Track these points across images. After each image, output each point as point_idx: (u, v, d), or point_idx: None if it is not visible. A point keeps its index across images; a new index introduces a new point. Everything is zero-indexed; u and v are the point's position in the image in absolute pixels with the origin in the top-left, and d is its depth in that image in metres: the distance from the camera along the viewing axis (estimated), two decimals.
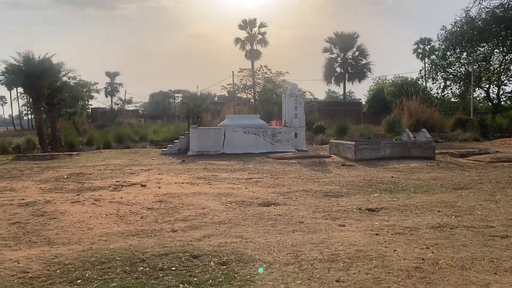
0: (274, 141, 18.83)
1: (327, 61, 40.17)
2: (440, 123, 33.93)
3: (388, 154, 15.36)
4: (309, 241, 5.40)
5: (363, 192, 9.17)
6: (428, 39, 71.85)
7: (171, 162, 15.89)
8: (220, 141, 18.55)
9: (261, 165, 14.26)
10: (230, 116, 20.65)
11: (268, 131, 18.87)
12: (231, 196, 8.63)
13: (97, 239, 5.65)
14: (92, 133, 27.93)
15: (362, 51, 39.68)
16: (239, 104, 43.38)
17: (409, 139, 17.04)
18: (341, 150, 16.28)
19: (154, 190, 9.43)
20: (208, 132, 18.67)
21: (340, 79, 40.14)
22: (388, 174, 11.86)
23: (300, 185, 10.05)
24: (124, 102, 69.14)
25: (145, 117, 74.23)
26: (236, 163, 15.05)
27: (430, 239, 5.48)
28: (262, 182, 10.51)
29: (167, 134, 30.11)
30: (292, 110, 19.83)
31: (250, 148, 18.51)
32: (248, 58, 45.01)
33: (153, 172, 12.85)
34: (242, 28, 44.73)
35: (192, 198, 8.38)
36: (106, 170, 13.51)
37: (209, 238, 5.58)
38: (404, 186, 9.92)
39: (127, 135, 28.51)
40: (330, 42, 39.67)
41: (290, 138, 18.99)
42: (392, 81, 54.25)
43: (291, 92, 20.00)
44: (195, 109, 39.79)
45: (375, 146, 15.32)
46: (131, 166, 14.61)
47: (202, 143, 18.43)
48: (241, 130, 18.67)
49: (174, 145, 19.44)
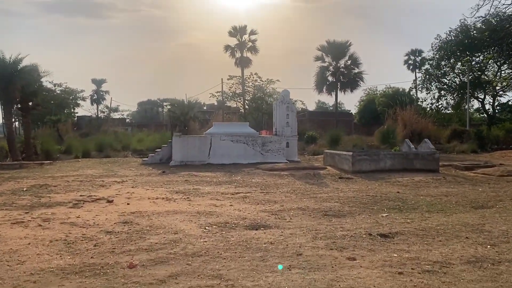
0: (264, 151, 17.42)
1: (318, 70, 39.05)
2: (435, 134, 32.91)
3: (389, 166, 14.06)
4: (312, 283, 3.97)
5: (369, 211, 7.79)
6: (419, 50, 71.39)
7: (150, 173, 14.37)
8: (206, 151, 17.10)
9: (249, 177, 12.83)
10: (217, 124, 19.24)
11: (258, 140, 17.48)
12: (213, 215, 7.17)
13: (23, 280, 4.15)
14: (71, 141, 26.24)
15: (355, 59, 38.67)
16: (228, 113, 42.03)
17: (410, 150, 15.78)
18: (337, 161, 14.94)
19: (121, 207, 7.93)
20: (193, 141, 17.21)
21: (332, 88, 39.00)
22: (393, 189, 10.50)
23: (294, 202, 8.63)
24: (110, 110, 67.22)
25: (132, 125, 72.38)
26: (222, 174, 13.60)
27: (472, 282, 4.09)
28: (250, 198, 9.07)
29: (152, 143, 28.55)
30: (284, 118, 18.49)
31: (238, 158, 17.07)
32: (238, 65, 43.71)
33: (126, 184, 11.32)
34: (232, 35, 43.48)
35: (165, 219, 6.90)
36: (75, 181, 11.96)
37: (177, 279, 4.12)
38: (414, 204, 8.56)
39: (108, 143, 26.88)
40: (322, 50, 38.59)
41: (281, 148, 17.61)
42: (384, 91, 53.49)
43: (283, 98, 18.68)
44: (182, 117, 38.34)
45: (375, 157, 14.01)
46: (104, 177, 13.07)
47: (186, 152, 16.96)
48: (229, 138, 17.25)
49: (155, 155, 17.92)
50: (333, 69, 38.85)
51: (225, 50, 43.72)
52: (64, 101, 51.50)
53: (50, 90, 52.36)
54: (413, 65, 70.01)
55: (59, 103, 50.21)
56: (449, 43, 34.54)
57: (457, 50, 34.93)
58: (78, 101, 57.32)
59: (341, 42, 38.30)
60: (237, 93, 37.98)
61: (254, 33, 43.73)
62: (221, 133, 17.58)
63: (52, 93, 50.85)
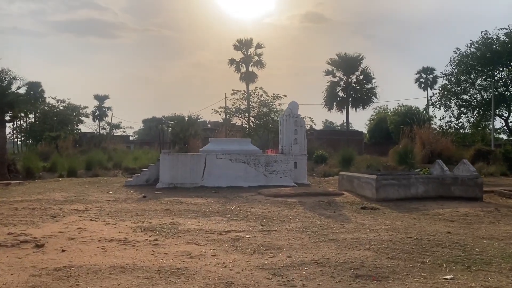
0: (268, 172, 14.79)
1: (328, 85, 36.63)
2: (457, 155, 30.07)
3: (421, 192, 11.35)
4: None
5: (420, 268, 5.10)
6: (430, 68, 69.37)
7: (128, 198, 11.78)
8: (199, 171, 14.51)
9: (248, 206, 10.19)
10: (214, 140, 16.68)
11: (260, 159, 14.87)
12: (180, 278, 4.53)
13: None
14: (56, 159, 23.80)
15: (367, 74, 36.24)
16: (232, 130, 39.60)
17: (443, 172, 13.06)
18: (356, 185, 12.26)
19: (49, 256, 5.33)
20: (184, 159, 14.64)
21: (342, 104, 36.50)
22: (439, 227, 7.79)
23: (307, 249, 5.96)
24: (111, 126, 65.17)
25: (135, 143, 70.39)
26: (215, 201, 10.97)
27: None
28: (244, 241, 6.41)
29: (148, 161, 26.14)
30: (292, 133, 15.92)
31: (237, 180, 14.46)
32: (243, 80, 41.56)
33: (87, 215, 8.73)
34: (237, 48, 41.45)
35: (100, 284, 4.28)
36: (25, 209, 9.41)
37: None
38: (482, 253, 5.85)
39: (98, 161, 24.41)
40: (332, 64, 36.26)
41: (288, 169, 14.97)
42: (395, 110, 50.98)
43: (291, 111, 16.14)
44: (182, 134, 35.89)
45: (404, 182, 11.32)
46: (68, 203, 10.52)
47: (175, 172, 14.38)
48: (227, 157, 14.67)
49: (141, 175, 15.35)
50: (344, 84, 36.41)
51: (230, 64, 41.69)
52: (66, 118, 49.75)
53: (53, 106, 50.68)
54: (425, 83, 67.78)
55: (62, 119, 48.50)
56: (469, 56, 32.02)
57: (478, 64, 32.42)
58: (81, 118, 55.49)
59: (352, 55, 35.99)
60: (242, 108, 35.54)
61: (260, 46, 41.72)
62: (218, 150, 15.02)
63: (55, 109, 49.18)
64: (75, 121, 53.53)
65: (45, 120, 48.29)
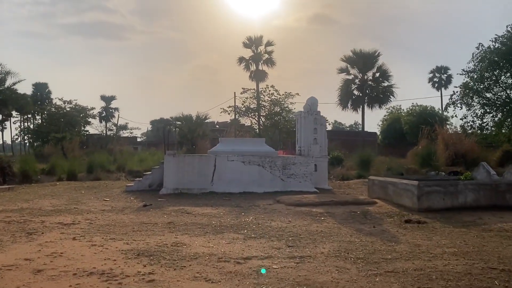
0: (286, 176, 13.10)
1: (343, 83, 34.84)
2: (483, 157, 28.10)
3: (471, 201, 9.59)
4: None
5: None
6: (444, 67, 67.28)
7: (126, 206, 10.17)
8: (208, 175, 12.86)
9: (267, 218, 8.51)
10: (224, 140, 15.00)
11: (277, 161, 13.17)
12: None
13: None
14: (55, 161, 22.29)
15: (384, 72, 34.40)
16: (242, 130, 37.93)
17: (489, 176, 11.26)
18: (391, 192, 10.51)
19: None
20: (191, 162, 12.98)
21: (358, 103, 34.69)
22: None
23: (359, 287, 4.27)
24: (117, 127, 63.85)
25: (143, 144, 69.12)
26: (227, 211, 9.30)
27: None
28: (271, 276, 4.71)
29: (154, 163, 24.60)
30: (311, 133, 14.22)
31: (251, 185, 12.79)
32: (252, 79, 39.87)
33: (72, 230, 7.11)
34: (246, 46, 39.79)
35: None
36: (1, 222, 7.82)
37: None
38: None
39: (100, 163, 22.87)
40: (347, 61, 34.47)
41: (308, 172, 13.26)
42: (410, 110, 49.05)
43: (310, 108, 14.43)
44: (189, 135, 34.28)
45: (450, 189, 9.55)
46: (55, 213, 8.93)
47: (181, 177, 12.74)
48: (239, 159, 13.00)
49: (144, 179, 13.73)
50: (359, 82, 34.61)
51: (239, 62, 40.08)
52: (73, 119, 48.67)
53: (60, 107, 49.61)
54: (439, 83, 65.66)
55: (68, 120, 47.43)
56: (494, 52, 30.05)
57: (503, 60, 30.42)
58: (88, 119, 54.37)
59: (368, 52, 34.19)
60: (252, 108, 33.84)
61: (271, 44, 40.03)
62: (229, 151, 13.36)
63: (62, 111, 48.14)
64: (82, 122, 52.45)
65: (51, 121, 47.26)
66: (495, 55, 30.42)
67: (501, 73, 31.96)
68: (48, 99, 61.43)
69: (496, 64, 30.91)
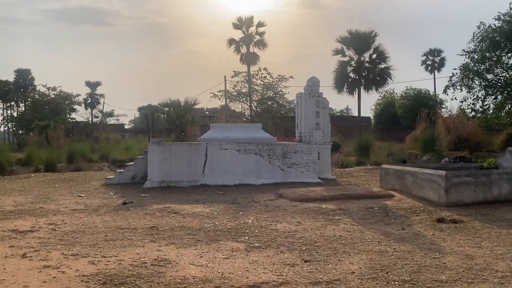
0: (287, 166, 11.65)
1: (338, 65, 33.19)
2: (486, 141, 26.98)
3: (506, 193, 8.26)
4: None
5: None
6: (438, 50, 66.14)
7: (103, 204, 8.64)
8: (199, 165, 11.34)
9: (271, 218, 7.07)
10: (216, 126, 13.44)
11: (276, 149, 11.70)
12: None
13: None
14: (32, 150, 20.55)
15: (381, 53, 32.82)
16: (233, 116, 36.34)
17: None
18: (409, 183, 9.12)
19: None
20: (179, 151, 11.43)
21: (354, 86, 33.14)
22: None
23: None
24: (103, 114, 61.72)
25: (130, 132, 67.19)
26: (222, 209, 7.84)
27: None
28: None
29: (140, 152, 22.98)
30: (312, 117, 12.74)
31: (248, 177, 11.32)
32: (243, 62, 38.06)
33: (25, 241, 5.58)
34: (237, 27, 37.87)
35: None
36: None
37: None
38: None
39: (81, 152, 21.18)
40: (342, 42, 32.78)
41: (311, 161, 11.82)
42: (404, 93, 47.80)
43: (311, 89, 12.92)
44: (178, 121, 32.54)
45: (483, 179, 8.19)
46: (14, 215, 7.39)
47: (168, 168, 11.20)
48: (233, 147, 11.50)
49: (126, 171, 12.16)
50: (355, 64, 33.03)
51: (229, 44, 38.17)
52: (58, 106, 46.70)
53: (44, 94, 47.59)
54: (432, 66, 64.52)
55: (53, 108, 45.45)
56: (497, 31, 28.68)
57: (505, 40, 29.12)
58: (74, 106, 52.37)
59: (364, 32, 32.50)
60: (243, 92, 32.21)
61: (262, 25, 38.17)
62: (222, 139, 11.84)
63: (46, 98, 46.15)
64: (67, 109, 50.47)
65: (35, 109, 45.30)
66: (497, 35, 29.03)
67: (503, 54, 30.68)
68: (32, 86, 59.20)
69: (498, 44, 29.58)
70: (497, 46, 29.68)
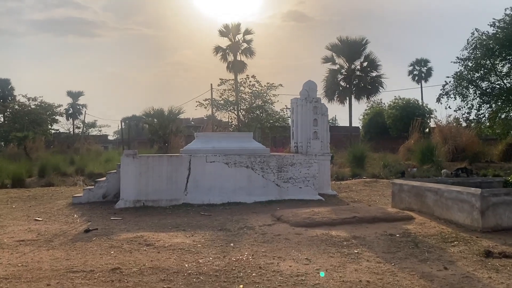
0: (283, 181, 10.11)
1: (328, 73, 32.08)
2: (484, 151, 25.91)
3: None
4: None
5: None
6: (424, 60, 65.89)
7: (61, 232, 6.96)
8: (181, 181, 9.72)
9: (270, 253, 5.51)
10: (201, 135, 11.84)
11: (270, 161, 10.16)
12: None
13: None
14: None
15: (372, 61, 31.81)
16: (220, 126, 34.79)
17: None
18: (431, 203, 7.67)
19: None
20: (158, 164, 9.80)
21: (345, 95, 32.00)
22: None
23: None
24: (85, 125, 59.53)
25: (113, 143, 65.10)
26: (207, 240, 6.24)
27: None
28: None
29: None
30: (310, 125, 11.27)
31: (238, 194, 9.75)
32: (230, 70, 36.62)
33: None
34: (223, 34, 36.51)
35: None
36: None
37: None
38: None
39: (54, 165, 19.38)
40: (332, 50, 31.70)
41: (310, 175, 10.30)
42: (393, 103, 46.98)
43: (308, 95, 11.46)
44: (161, 131, 30.85)
45: None
46: None
47: (145, 184, 9.56)
48: (221, 160, 9.92)
49: (96, 188, 10.45)
50: (346, 73, 31.91)
51: (216, 52, 36.74)
52: (39, 117, 44.67)
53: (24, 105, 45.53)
54: (419, 76, 64.13)
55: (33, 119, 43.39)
56: (492, 38, 27.82)
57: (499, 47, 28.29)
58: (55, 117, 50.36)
59: (355, 39, 31.49)
60: (231, 101, 30.69)
61: (249, 32, 36.87)
62: (208, 150, 10.26)
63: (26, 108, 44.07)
64: (48, 120, 48.44)
65: (15, 120, 43.26)
66: (493, 42, 28.17)
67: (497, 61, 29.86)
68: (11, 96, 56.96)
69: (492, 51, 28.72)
70: (491, 53, 28.82)
